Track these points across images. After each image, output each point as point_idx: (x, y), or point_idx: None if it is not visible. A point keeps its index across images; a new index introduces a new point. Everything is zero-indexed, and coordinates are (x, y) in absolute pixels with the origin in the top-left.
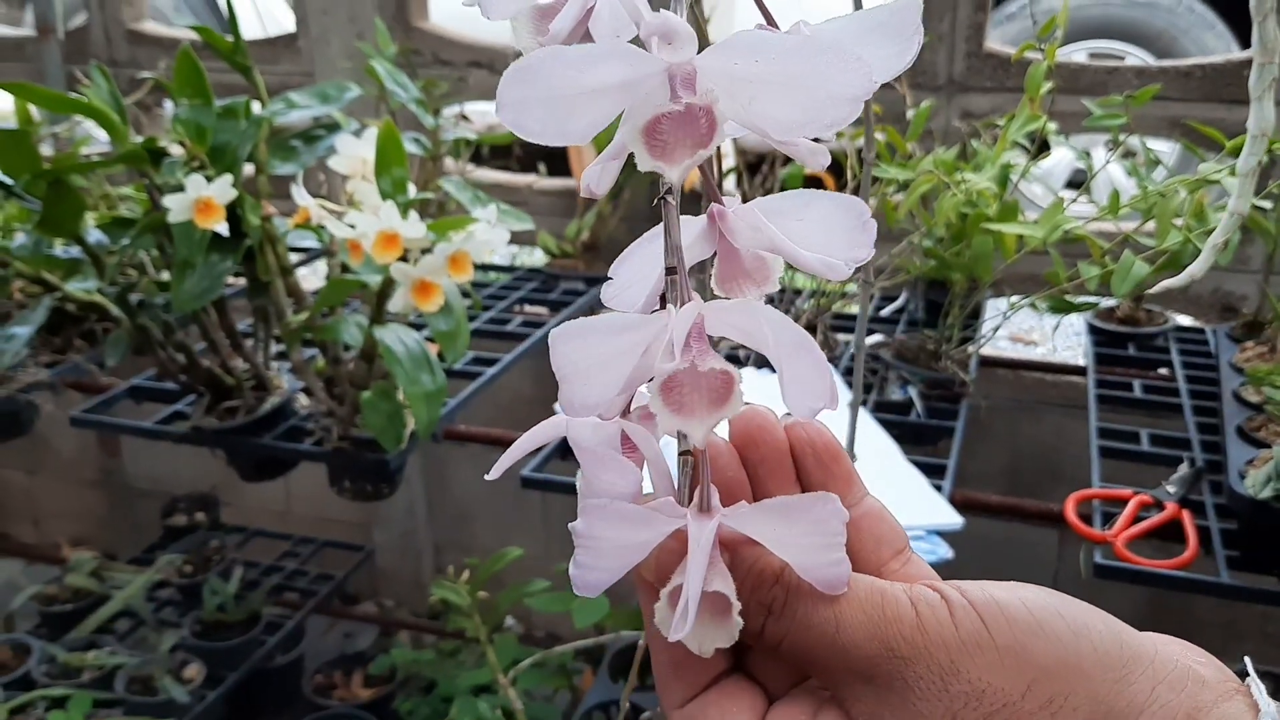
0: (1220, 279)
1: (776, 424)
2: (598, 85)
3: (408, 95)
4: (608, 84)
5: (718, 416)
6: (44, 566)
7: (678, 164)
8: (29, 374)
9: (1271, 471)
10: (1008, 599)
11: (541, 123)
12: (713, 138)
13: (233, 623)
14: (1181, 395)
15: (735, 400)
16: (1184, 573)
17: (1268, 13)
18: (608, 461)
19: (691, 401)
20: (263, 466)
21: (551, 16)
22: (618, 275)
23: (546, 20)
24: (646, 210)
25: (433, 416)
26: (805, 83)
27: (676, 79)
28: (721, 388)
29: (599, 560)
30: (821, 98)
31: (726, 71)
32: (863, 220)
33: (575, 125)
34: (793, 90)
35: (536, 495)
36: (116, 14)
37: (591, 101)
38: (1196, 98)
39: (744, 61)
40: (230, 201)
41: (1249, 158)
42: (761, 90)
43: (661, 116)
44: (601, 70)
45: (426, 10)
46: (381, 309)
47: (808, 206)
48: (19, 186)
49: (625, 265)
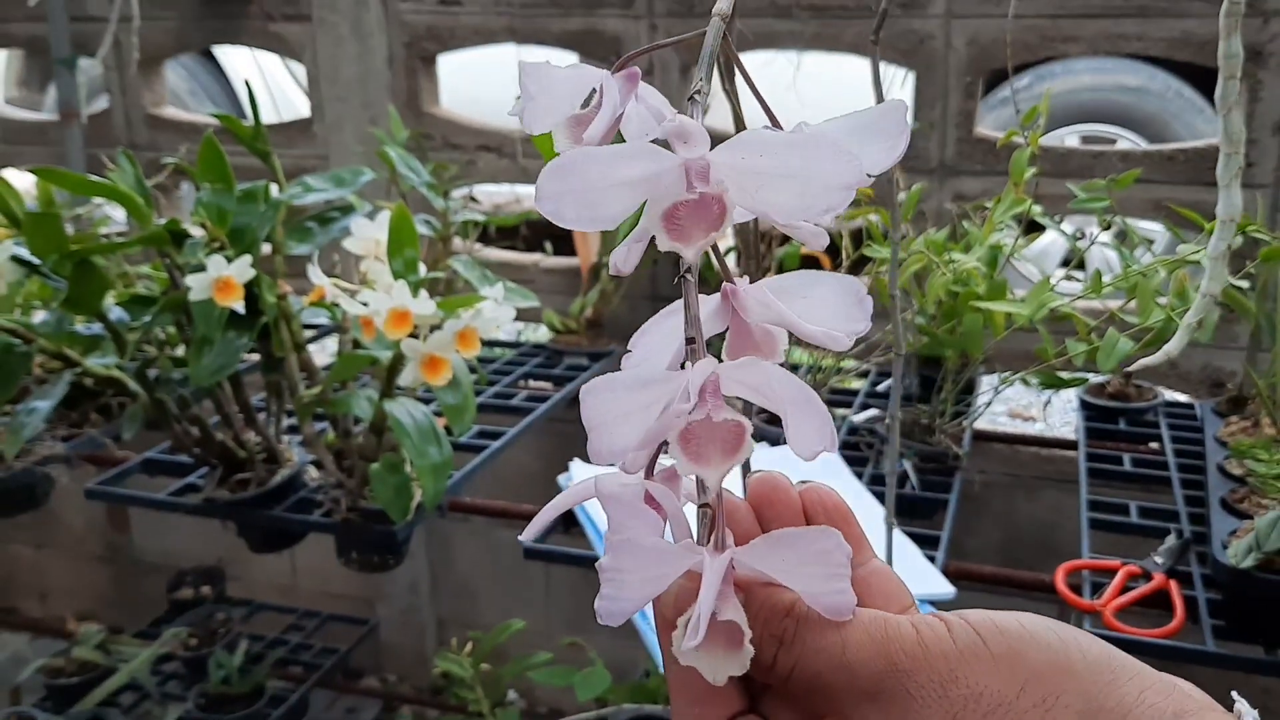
0: (1209, 355)
1: (790, 487)
2: (625, 179)
3: (419, 179)
4: (633, 178)
5: (731, 463)
6: (50, 640)
7: (693, 244)
8: (45, 447)
9: (1252, 542)
10: (1003, 616)
11: (576, 212)
12: (723, 222)
13: (237, 696)
14: (1170, 469)
15: (746, 448)
16: (1171, 641)
17: (1232, 105)
18: (635, 509)
19: (708, 450)
20: (272, 538)
21: (585, 124)
22: (637, 348)
23: (580, 127)
24: (648, 289)
25: (440, 488)
26: (802, 174)
27: (692, 171)
28: (734, 437)
29: (623, 592)
30: (817, 188)
31: (735, 165)
32: (859, 297)
33: (606, 213)
34: (792, 181)
35: (539, 570)
36: (138, 99)
37: (619, 193)
38: (1180, 180)
39: (750, 156)
40: (248, 281)
41: (1218, 242)
42: (766, 181)
43: (679, 204)
44: (628, 167)
45: (437, 96)
46: (391, 383)
47: (811, 286)
48: (46, 266)
49: (644, 339)
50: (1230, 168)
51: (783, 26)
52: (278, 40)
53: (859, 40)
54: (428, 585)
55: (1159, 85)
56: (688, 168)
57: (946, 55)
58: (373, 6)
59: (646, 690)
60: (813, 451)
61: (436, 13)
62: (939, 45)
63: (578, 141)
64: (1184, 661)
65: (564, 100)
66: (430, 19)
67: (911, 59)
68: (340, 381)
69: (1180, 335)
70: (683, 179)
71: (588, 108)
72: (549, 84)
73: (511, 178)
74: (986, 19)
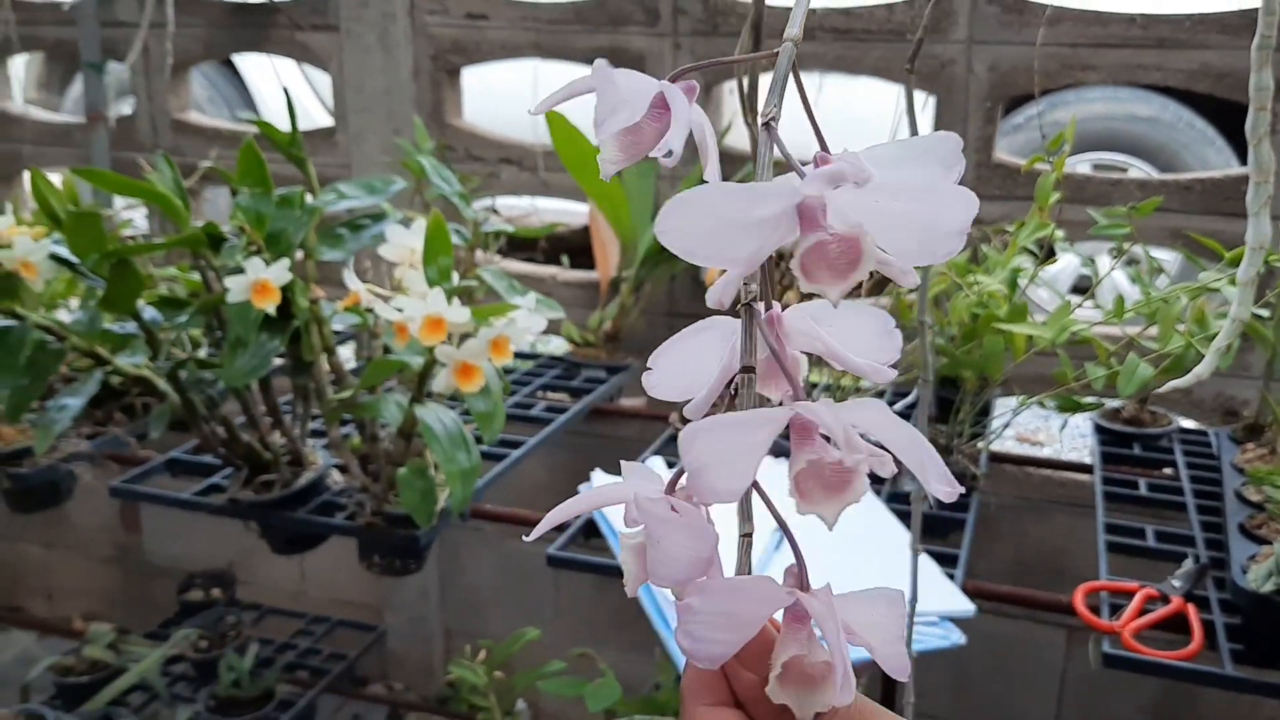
0: (1222, 384)
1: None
2: (759, 218)
3: (451, 189)
4: (767, 217)
5: (846, 502)
6: (57, 639)
7: (836, 286)
8: (70, 445)
9: (1273, 566)
10: None
11: (706, 250)
12: (861, 264)
13: (246, 699)
14: (1185, 494)
15: (858, 489)
16: (1190, 664)
17: (1262, 136)
18: (680, 526)
19: (829, 487)
20: (295, 540)
21: (636, 134)
22: (657, 365)
23: (630, 136)
24: (666, 305)
25: (467, 494)
26: (928, 220)
27: (824, 212)
28: (847, 478)
29: (716, 634)
30: (941, 233)
31: (864, 206)
32: (889, 329)
33: (737, 253)
34: (918, 225)
35: (548, 580)
36: (163, 104)
37: (753, 232)
38: (1196, 210)
39: (883, 199)
40: (284, 284)
41: (1248, 268)
42: (892, 223)
43: (821, 244)
44: (763, 206)
45: (460, 109)
46: (422, 389)
47: (841, 315)
48: (85, 265)
49: (665, 357)
50: (1260, 196)
51: (805, 49)
52: (304, 50)
53: (881, 63)
54: (437, 594)
55: (1170, 115)
56: (816, 206)
57: (967, 81)
58: (400, 18)
59: (656, 703)
60: (946, 494)
61: (463, 26)
62: (960, 70)
63: (628, 153)
64: (1202, 684)
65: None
66: (457, 32)
67: (933, 84)
68: (370, 386)
69: (1210, 358)
70: (816, 218)
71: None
72: (613, 88)
73: (533, 191)
74: (1007, 45)
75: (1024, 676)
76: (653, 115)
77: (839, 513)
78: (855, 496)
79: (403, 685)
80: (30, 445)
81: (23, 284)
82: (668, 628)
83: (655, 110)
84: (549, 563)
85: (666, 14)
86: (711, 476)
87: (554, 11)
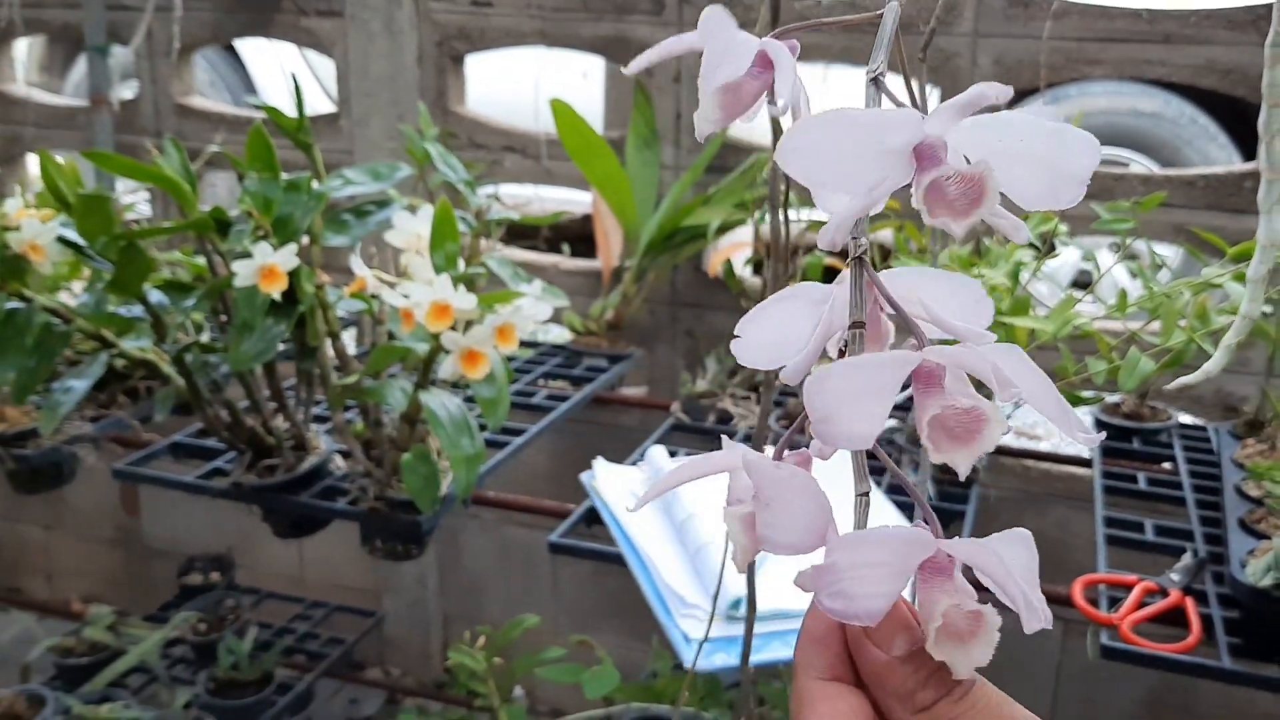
0: (1222, 380)
1: None
2: (887, 147)
3: (457, 176)
4: (895, 146)
5: (979, 450)
6: (57, 621)
7: (961, 220)
8: (74, 427)
9: (1271, 561)
10: None
11: (829, 174)
12: (985, 201)
13: (245, 682)
14: (1184, 489)
15: (990, 436)
16: (1188, 657)
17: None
18: (799, 487)
19: (955, 437)
20: (298, 524)
21: (735, 92)
22: (745, 333)
23: (731, 94)
24: (668, 294)
25: (471, 480)
26: (1052, 163)
27: (940, 148)
28: (976, 427)
29: (871, 587)
30: (1064, 177)
31: (990, 145)
32: (980, 297)
33: (858, 180)
34: (1042, 167)
35: (546, 567)
36: (167, 88)
37: (878, 161)
38: (1200, 205)
39: (1007, 139)
40: (290, 269)
41: (1259, 265)
42: (1017, 164)
43: (939, 182)
44: (893, 134)
45: (464, 96)
46: (427, 375)
47: (927, 283)
48: (93, 248)
49: (753, 324)
50: (1272, 193)
51: (810, 39)
52: (309, 35)
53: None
54: (435, 579)
55: (1173, 111)
56: (937, 144)
57: (972, 73)
58: (405, 4)
59: (653, 690)
60: (1084, 441)
61: (468, 13)
62: (965, 63)
63: (727, 111)
64: (1200, 677)
65: (729, 61)
66: (462, 19)
67: (938, 75)
68: (373, 372)
69: (1220, 355)
70: (937, 156)
71: (739, 77)
72: (721, 42)
73: (536, 179)
74: (1012, 39)
75: (1020, 668)
76: (752, 73)
77: (971, 462)
78: (989, 444)
79: (400, 670)
80: (35, 427)
81: (30, 266)
82: (668, 615)
83: (755, 69)
84: (550, 550)
85: (671, 2)
86: (845, 420)
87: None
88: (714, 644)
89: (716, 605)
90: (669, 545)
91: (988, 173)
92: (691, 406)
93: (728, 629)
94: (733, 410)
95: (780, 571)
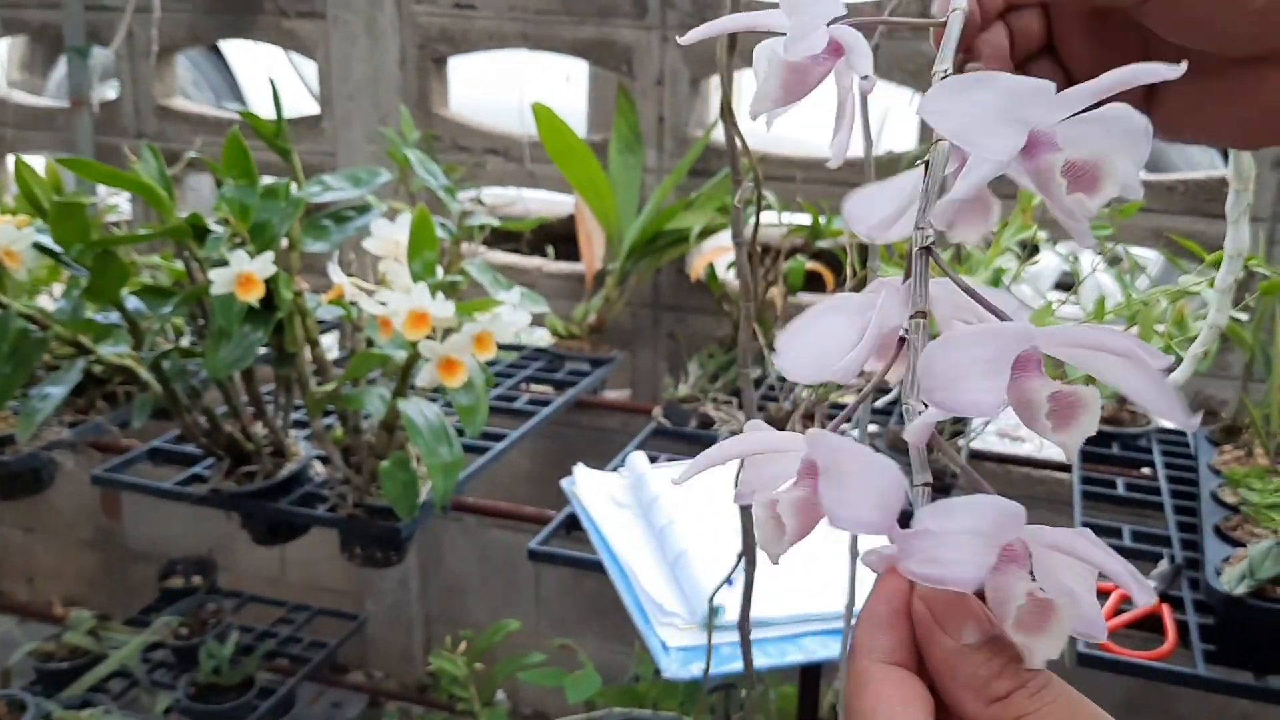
0: (1201, 384)
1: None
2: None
3: (437, 183)
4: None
5: (1081, 433)
6: (38, 624)
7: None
8: (52, 432)
9: (1246, 569)
10: None
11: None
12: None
13: (227, 687)
14: (1163, 494)
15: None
16: (1163, 664)
17: None
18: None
19: (1065, 420)
20: (276, 530)
21: (801, 74)
22: (788, 348)
23: (795, 75)
24: (651, 297)
25: (449, 487)
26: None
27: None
28: (1074, 408)
29: (967, 554)
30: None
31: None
32: (1018, 306)
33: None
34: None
35: (529, 571)
36: (148, 89)
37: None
38: (1179, 211)
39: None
40: (268, 276)
41: (1226, 275)
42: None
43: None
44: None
45: (447, 99)
46: (405, 382)
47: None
48: (69, 255)
49: (795, 339)
50: (1239, 204)
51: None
52: (290, 37)
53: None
54: (418, 583)
55: None
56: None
57: None
58: (387, 7)
59: (635, 694)
60: (1185, 425)
61: (451, 15)
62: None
63: (788, 92)
64: (1175, 684)
65: (810, 34)
66: (444, 21)
67: (920, 80)
68: (352, 379)
69: (1186, 364)
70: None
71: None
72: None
73: (519, 182)
74: None
75: None
76: (820, 58)
77: (1079, 442)
78: (1089, 426)
79: (383, 674)
80: (13, 433)
81: (6, 272)
82: (647, 623)
83: (823, 54)
84: (530, 557)
85: (654, 6)
86: (969, 386)
87: (542, 2)
88: (690, 652)
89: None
90: (648, 552)
91: (1104, 157)
92: (673, 411)
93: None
94: (714, 415)
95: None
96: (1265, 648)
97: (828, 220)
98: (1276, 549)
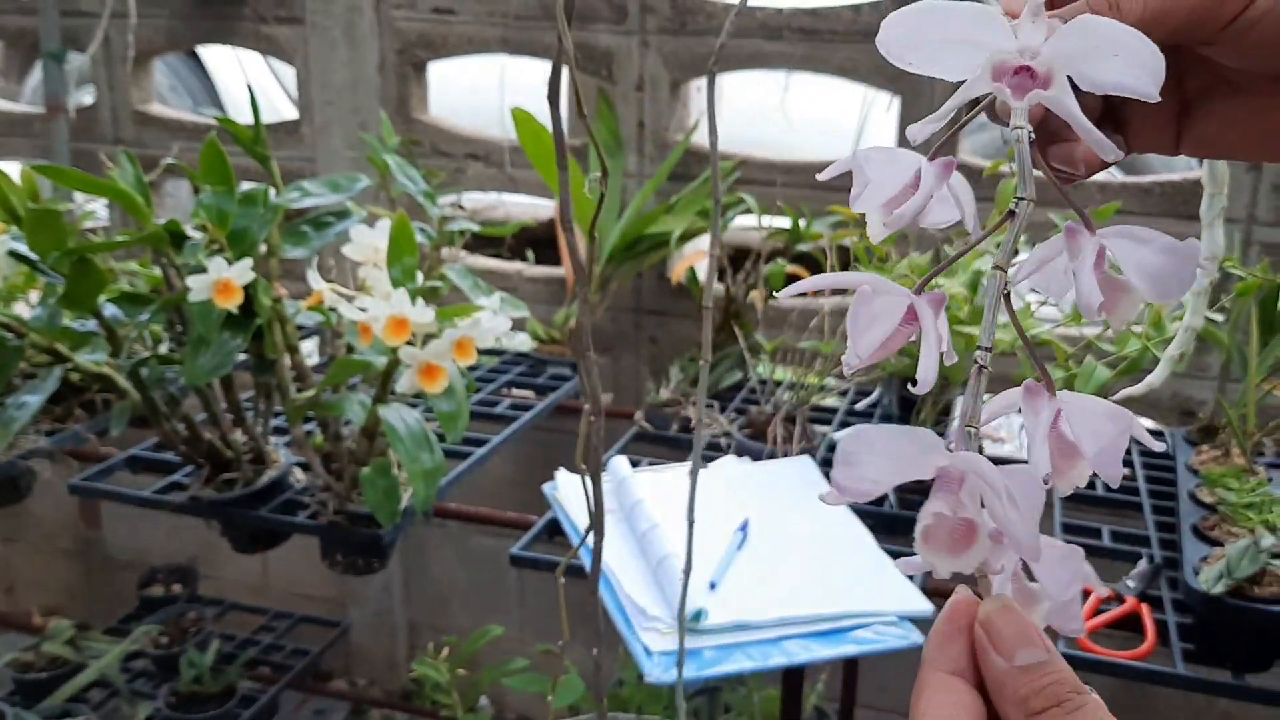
0: (1180, 384)
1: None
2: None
3: (416, 188)
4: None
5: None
6: (16, 634)
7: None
8: (29, 441)
9: (1224, 568)
10: None
11: (920, 58)
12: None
13: (208, 695)
14: (1141, 495)
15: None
16: (1142, 664)
17: None
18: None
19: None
20: (257, 538)
21: (894, 204)
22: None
23: (890, 206)
24: (632, 301)
25: (430, 493)
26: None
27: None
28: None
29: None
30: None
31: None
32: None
33: (947, 64)
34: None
35: (512, 577)
36: (125, 95)
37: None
38: (1156, 213)
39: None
40: (246, 283)
41: (1202, 278)
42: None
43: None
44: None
45: (427, 104)
46: (386, 388)
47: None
48: (45, 263)
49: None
50: (1214, 208)
51: (772, 48)
52: (269, 42)
53: (848, 63)
54: (400, 589)
55: None
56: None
57: (933, 82)
58: (366, 12)
59: (619, 699)
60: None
61: (430, 20)
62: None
63: (890, 223)
64: (1154, 683)
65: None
66: (423, 26)
67: (898, 84)
68: (332, 385)
69: (1163, 367)
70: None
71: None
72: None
73: (499, 186)
74: None
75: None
76: (906, 190)
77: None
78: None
79: (366, 681)
80: None
81: None
82: (630, 628)
83: (909, 186)
84: (512, 562)
85: (634, 11)
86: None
87: (521, 7)
88: (674, 656)
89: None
90: (631, 557)
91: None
92: (655, 415)
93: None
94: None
95: (739, 585)
96: (1243, 646)
97: (808, 223)
98: (1253, 548)
